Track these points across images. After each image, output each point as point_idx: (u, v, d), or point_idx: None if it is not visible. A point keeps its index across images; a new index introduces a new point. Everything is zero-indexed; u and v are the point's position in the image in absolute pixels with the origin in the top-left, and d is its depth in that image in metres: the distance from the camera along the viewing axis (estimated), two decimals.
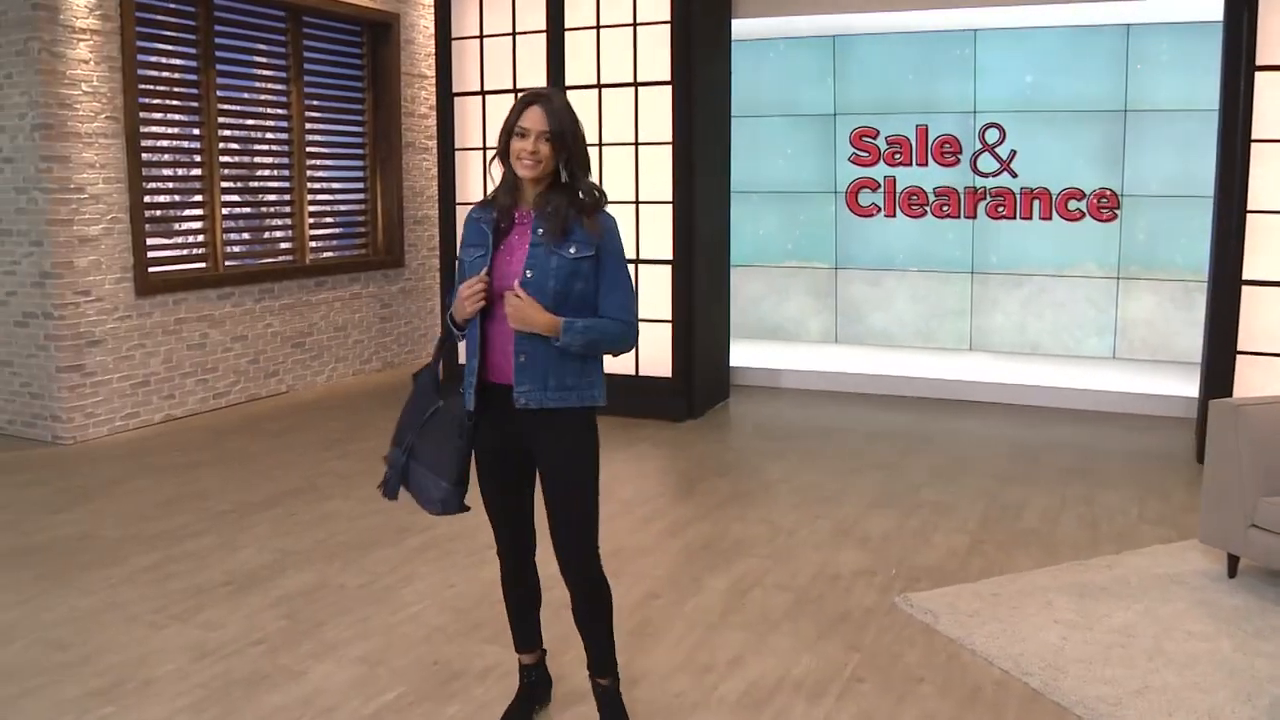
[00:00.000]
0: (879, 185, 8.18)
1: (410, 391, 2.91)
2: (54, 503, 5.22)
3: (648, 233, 6.87)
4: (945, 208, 7.97)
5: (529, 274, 2.64)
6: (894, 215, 8.16)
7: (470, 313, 2.67)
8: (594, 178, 2.79)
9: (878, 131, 8.10)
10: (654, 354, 6.93)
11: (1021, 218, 7.77)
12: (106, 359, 6.53)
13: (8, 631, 3.72)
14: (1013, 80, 7.70)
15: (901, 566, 4.21)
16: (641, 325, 6.89)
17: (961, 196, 7.91)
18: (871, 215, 8.24)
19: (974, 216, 7.90)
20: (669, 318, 6.88)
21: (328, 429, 6.72)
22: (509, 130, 2.66)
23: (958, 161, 7.90)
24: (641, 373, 6.97)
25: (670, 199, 6.79)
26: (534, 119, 2.63)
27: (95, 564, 4.36)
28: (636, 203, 6.87)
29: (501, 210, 2.71)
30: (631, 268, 6.90)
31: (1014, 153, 7.74)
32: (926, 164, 7.98)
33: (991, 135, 7.77)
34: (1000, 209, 7.82)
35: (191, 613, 3.86)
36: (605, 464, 3.00)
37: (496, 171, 2.75)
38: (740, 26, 7.66)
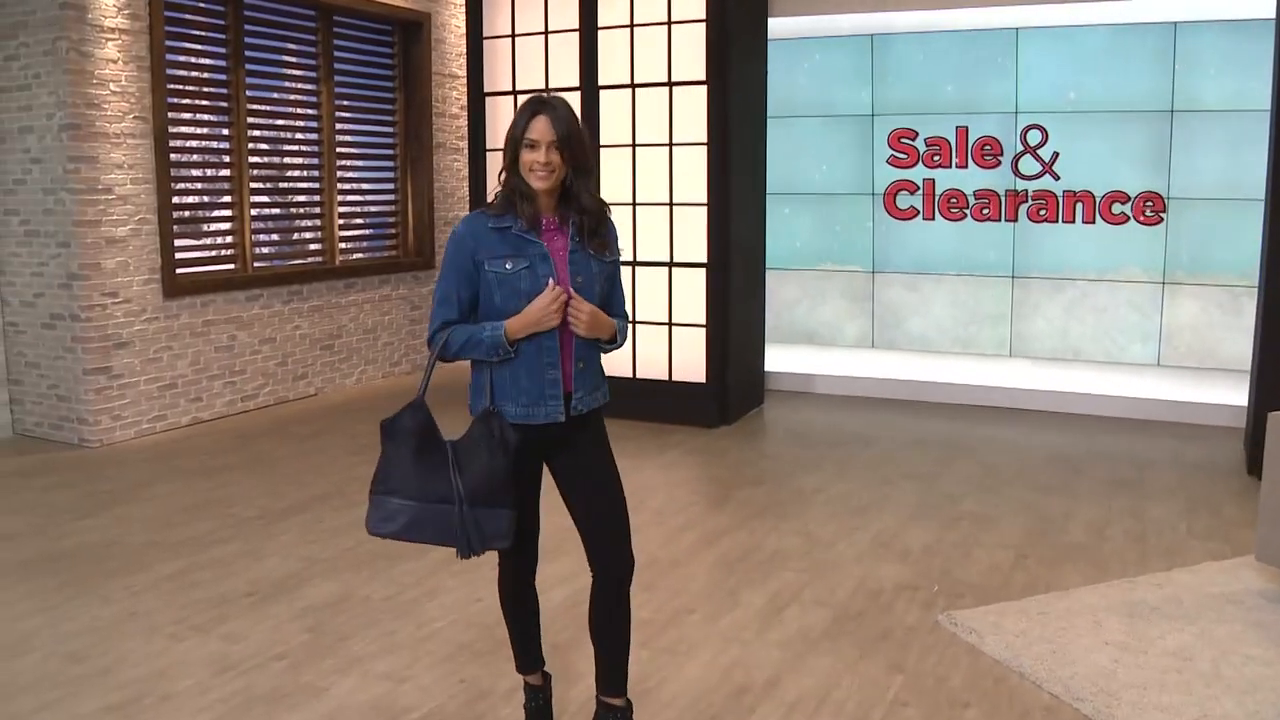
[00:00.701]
0: (917, 187, 8.01)
1: (393, 445, 2.62)
2: (80, 507, 5.16)
3: (682, 235, 6.75)
4: (985, 210, 7.80)
5: (579, 280, 2.63)
6: (933, 218, 7.99)
7: (553, 325, 2.59)
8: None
9: (916, 133, 7.94)
10: (687, 358, 6.80)
11: (1064, 221, 7.58)
12: (134, 361, 6.48)
13: (27, 641, 3.65)
14: (1055, 80, 7.51)
15: (944, 582, 4.07)
16: (676, 330, 6.89)
17: (1002, 199, 7.74)
18: (910, 218, 8.07)
19: (1015, 220, 7.72)
20: (703, 322, 6.76)
21: (356, 433, 6.64)
22: (517, 142, 2.59)
23: (998, 163, 7.72)
24: (675, 378, 6.84)
25: (705, 201, 6.66)
26: (542, 129, 2.57)
27: (119, 571, 4.29)
28: (670, 205, 6.74)
29: (530, 220, 2.61)
30: (664, 271, 6.85)
31: (1056, 154, 7.56)
32: (966, 166, 7.81)
33: (1033, 137, 7.59)
34: (1042, 212, 7.63)
35: (214, 624, 3.77)
36: (637, 471, 2.92)
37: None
38: (777, 25, 7.53)
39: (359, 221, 8.39)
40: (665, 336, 6.85)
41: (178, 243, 6.80)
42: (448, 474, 2.55)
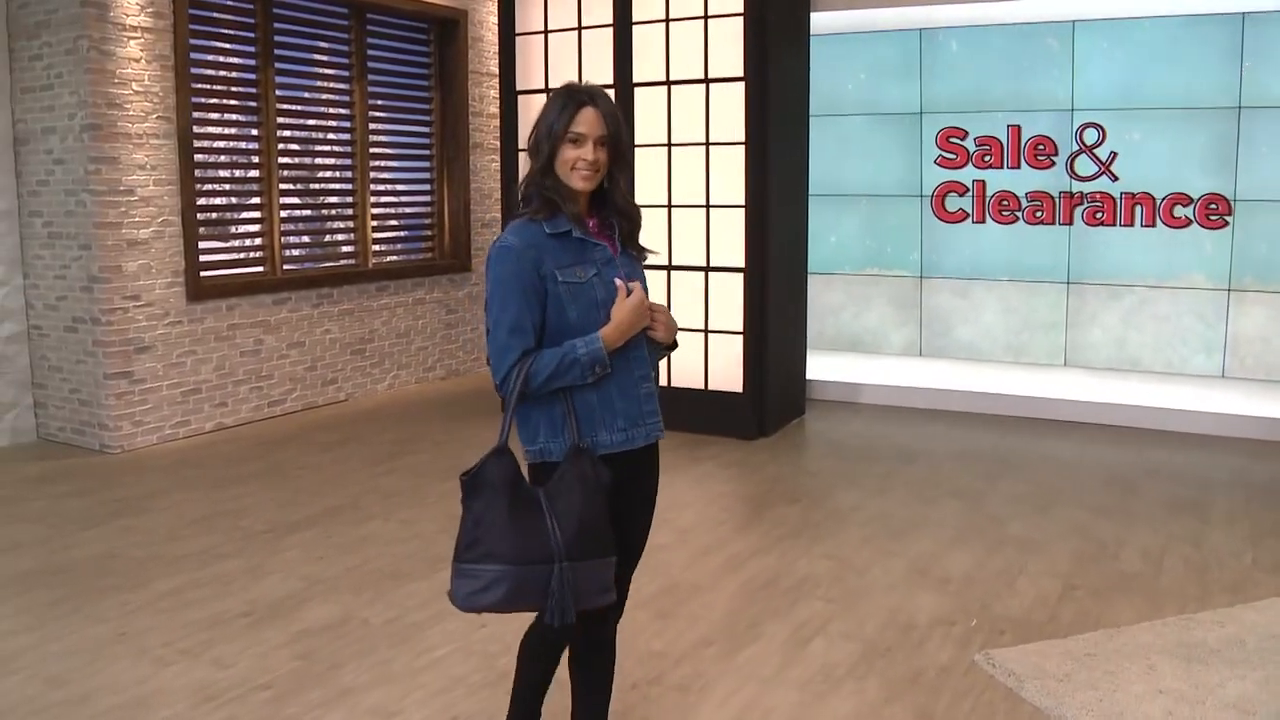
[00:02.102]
0: (967, 189, 7.65)
1: (482, 502, 2.28)
2: (89, 517, 5.02)
3: (718, 238, 6.48)
4: (1039, 213, 7.42)
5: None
6: (983, 221, 7.62)
7: (636, 331, 2.36)
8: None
9: (966, 132, 7.58)
10: (724, 367, 6.54)
11: (1122, 224, 7.18)
12: (156, 366, 6.35)
13: (10, 662, 3.49)
14: (1114, 76, 7.12)
15: (983, 616, 3.76)
16: (712, 337, 6.62)
17: (1057, 201, 7.36)
18: (959, 221, 7.72)
19: (1070, 223, 7.33)
20: (740, 329, 6.49)
21: (382, 441, 6.45)
22: (557, 137, 2.30)
23: (1053, 164, 7.34)
24: (711, 387, 6.58)
25: (743, 203, 6.39)
26: (591, 122, 2.29)
27: (115, 588, 4.12)
28: (707, 206, 6.48)
29: (576, 221, 2.34)
30: (701, 275, 6.58)
31: (1114, 154, 7.16)
32: (1019, 166, 7.44)
33: (1090, 135, 7.20)
34: (1099, 215, 7.24)
35: (203, 647, 3.58)
36: (667, 486, 2.65)
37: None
38: (820, 20, 7.24)
39: (393, 223, 8.23)
40: (701, 344, 6.59)
41: (204, 245, 6.68)
42: (545, 527, 2.23)
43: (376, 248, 8.00)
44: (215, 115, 6.75)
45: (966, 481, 5.49)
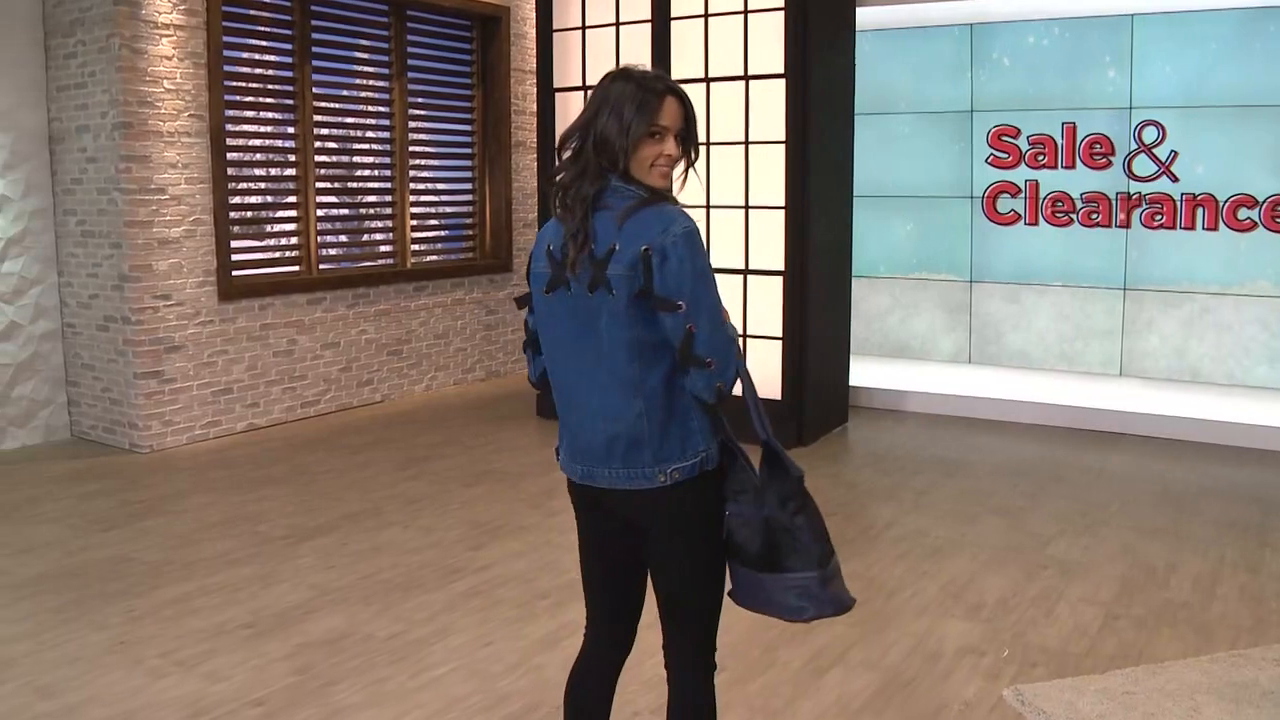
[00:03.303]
0: (1020, 190, 7.37)
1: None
2: (109, 518, 4.97)
3: (758, 240, 6.28)
4: (1094, 215, 7.12)
5: None
6: (1036, 223, 7.34)
7: None
8: None
9: (1019, 130, 7.30)
10: (762, 373, 6.33)
11: (1183, 228, 6.86)
12: (187, 365, 6.30)
13: (6, 669, 3.43)
14: (1175, 71, 6.80)
15: (1016, 645, 3.54)
16: (751, 342, 6.41)
17: (1113, 203, 7.06)
18: (1011, 223, 7.44)
19: (1127, 226, 7.03)
20: (779, 334, 6.28)
21: (413, 445, 6.35)
22: (638, 131, 2.05)
23: (1110, 164, 7.04)
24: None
25: (783, 204, 6.19)
26: (674, 114, 2.08)
27: (122, 593, 4.04)
28: (746, 207, 6.29)
29: None
30: (739, 279, 6.39)
31: (1175, 154, 6.84)
32: (1074, 166, 7.15)
33: (1149, 134, 6.90)
34: (1158, 218, 6.93)
35: (200, 659, 3.48)
36: None
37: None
38: (866, 15, 7.01)
39: (433, 222, 8.14)
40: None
41: (238, 244, 6.63)
42: None
43: (415, 247, 7.91)
44: (250, 113, 6.70)
45: (1010, 497, 5.25)
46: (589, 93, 2.16)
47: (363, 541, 4.63)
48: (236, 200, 6.63)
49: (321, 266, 7.19)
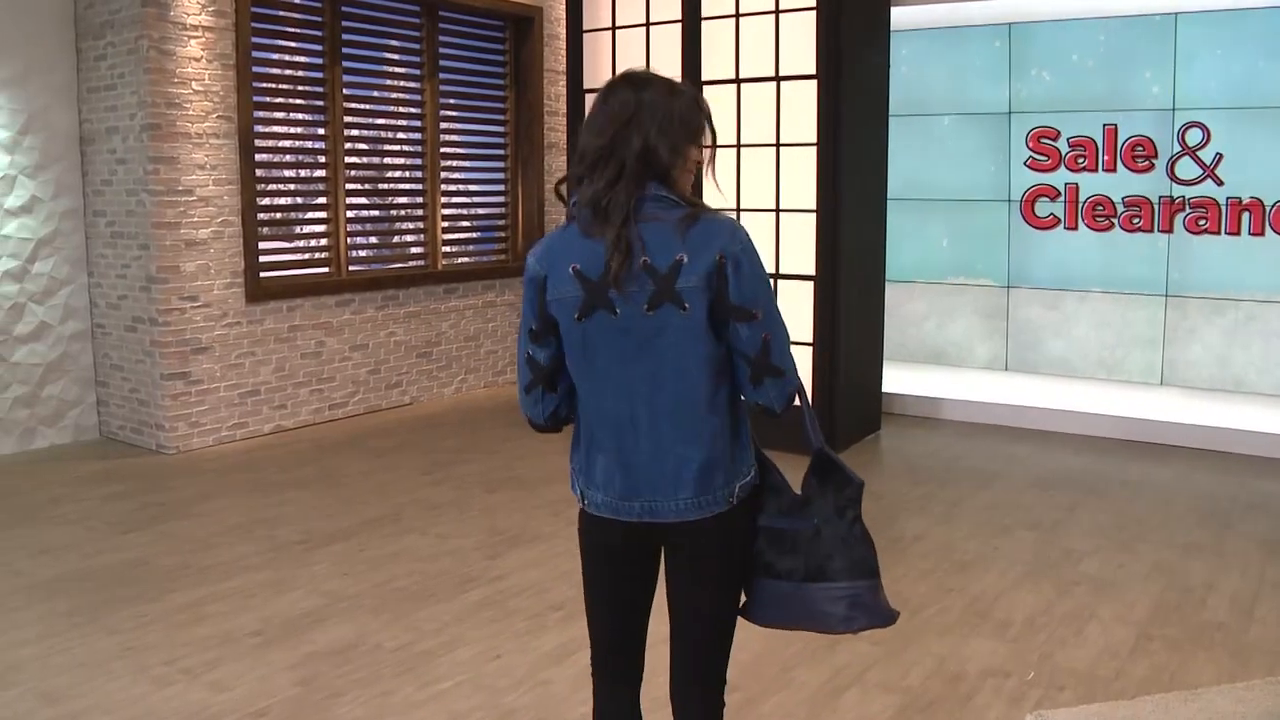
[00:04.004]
0: (1059, 193, 7.20)
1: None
2: (128, 520, 4.96)
3: (789, 244, 6.17)
4: (1136, 220, 6.94)
5: None
6: (1076, 228, 7.16)
7: None
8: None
9: (1059, 132, 7.13)
10: None
11: (1228, 233, 6.66)
12: (214, 367, 6.29)
13: (10, 674, 3.39)
14: (1220, 71, 6.60)
15: (1042, 667, 3.40)
16: None
17: (1156, 207, 6.87)
18: (1050, 227, 7.27)
19: (1170, 230, 6.84)
20: (810, 340, 6.16)
21: (438, 448, 6.30)
22: (699, 136, 2.02)
23: (1152, 167, 6.85)
24: None
25: (814, 207, 6.07)
26: None
27: (134, 598, 4.01)
28: (777, 210, 6.17)
29: None
30: (770, 283, 6.25)
31: (1220, 156, 6.64)
32: (1115, 169, 6.96)
33: (1193, 136, 6.69)
34: (1202, 222, 6.73)
35: (206, 668, 3.43)
36: None
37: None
38: (901, 15, 6.88)
39: (465, 224, 8.10)
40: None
41: (267, 245, 6.62)
42: None
43: (447, 249, 7.87)
44: (280, 114, 6.68)
45: (1044, 510, 5.09)
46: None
47: (379, 548, 4.58)
48: (265, 202, 6.62)
49: (351, 268, 7.16)
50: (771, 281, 2.02)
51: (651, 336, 1.94)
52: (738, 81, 6.21)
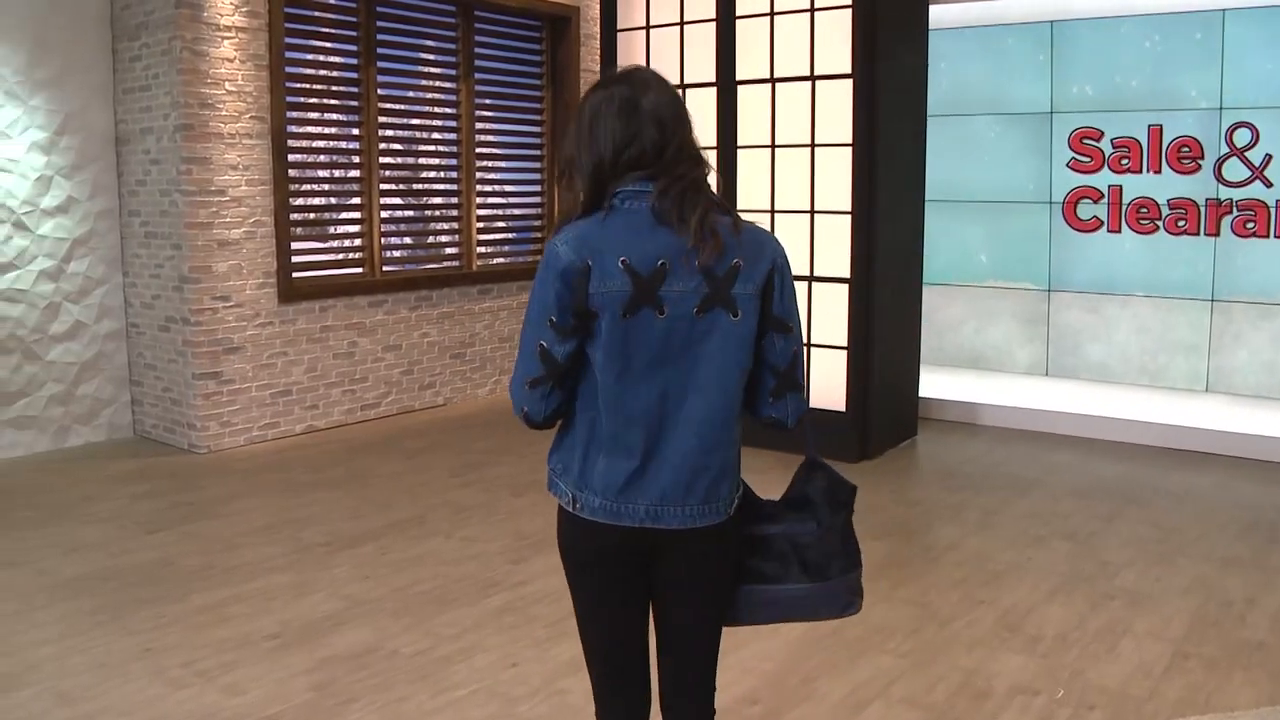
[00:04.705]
0: (1102, 195, 7.04)
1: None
2: (156, 520, 4.97)
3: (823, 246, 6.08)
4: (1181, 223, 6.77)
5: None
6: (1119, 230, 7.01)
7: None
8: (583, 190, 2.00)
9: (1102, 132, 6.98)
10: (825, 384, 6.13)
11: (1276, 235, 6.48)
12: (245, 367, 6.31)
13: (29, 674, 3.39)
14: (1270, 70, 6.42)
15: (1072, 685, 3.30)
16: (814, 351, 6.20)
17: (1202, 210, 6.70)
18: (1092, 230, 7.12)
19: (1216, 234, 6.67)
20: (844, 343, 6.07)
21: (469, 450, 6.27)
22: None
23: (1198, 168, 6.68)
24: (812, 404, 6.16)
25: (849, 209, 5.97)
26: None
27: (156, 598, 4.01)
28: (811, 212, 6.09)
29: None
30: (803, 285, 6.17)
31: (1269, 157, 6.46)
32: (1160, 171, 6.80)
33: (1241, 137, 6.52)
34: (1249, 225, 6.55)
35: (222, 670, 3.41)
36: None
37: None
38: (940, 13, 6.77)
39: (500, 225, 8.08)
40: (804, 359, 6.19)
41: (300, 246, 6.62)
42: None
43: (481, 250, 7.85)
44: (314, 115, 6.69)
45: (1082, 520, 4.97)
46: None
47: (403, 551, 4.55)
48: (299, 202, 6.63)
49: (385, 269, 7.16)
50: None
51: (696, 340, 1.88)
52: (772, 81, 6.13)
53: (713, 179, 1.97)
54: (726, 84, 6.27)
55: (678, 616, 2.05)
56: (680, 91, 1.97)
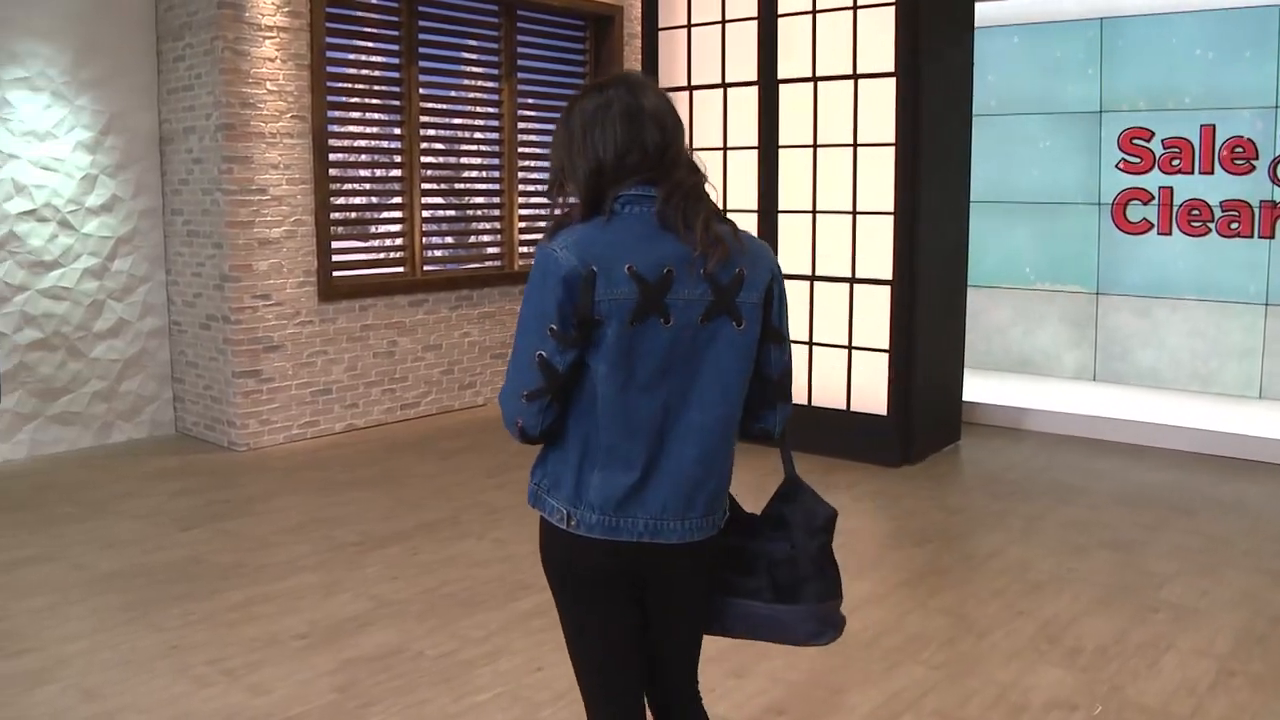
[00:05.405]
0: (1152, 197, 6.88)
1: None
2: (191, 517, 4.99)
3: (865, 248, 5.98)
4: (1234, 225, 6.59)
5: None
6: (1169, 232, 6.83)
7: None
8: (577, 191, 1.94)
9: (1152, 132, 6.81)
10: (867, 387, 6.04)
11: None
12: (285, 365, 6.33)
13: (56, 669, 3.41)
14: None
15: (1111, 701, 3.20)
16: (856, 354, 6.11)
17: (1256, 211, 6.51)
18: (1142, 232, 6.95)
19: (1271, 236, 6.48)
20: (886, 346, 5.97)
21: (504, 451, 6.24)
22: None
23: (1252, 168, 6.49)
24: (853, 408, 6.09)
25: (892, 209, 5.87)
26: None
27: (186, 596, 4.02)
28: (854, 213, 5.99)
29: None
30: (845, 287, 6.09)
31: None
32: (1213, 171, 6.62)
33: None
34: None
35: (247, 670, 3.41)
36: None
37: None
38: (986, 10, 6.64)
39: (542, 224, 8.05)
40: (844, 361, 6.11)
41: (340, 245, 6.64)
42: None
43: (523, 249, 7.83)
44: (356, 114, 6.71)
45: (1127, 530, 4.84)
46: (694, 93, 1.94)
47: (434, 553, 4.53)
48: (340, 201, 6.65)
49: (426, 268, 7.16)
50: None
51: (700, 349, 1.84)
52: (814, 80, 6.05)
53: (708, 188, 1.92)
54: (768, 83, 6.20)
55: (674, 628, 2.01)
56: (722, 91, 1.94)
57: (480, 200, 7.57)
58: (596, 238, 1.82)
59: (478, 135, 7.50)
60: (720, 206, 1.94)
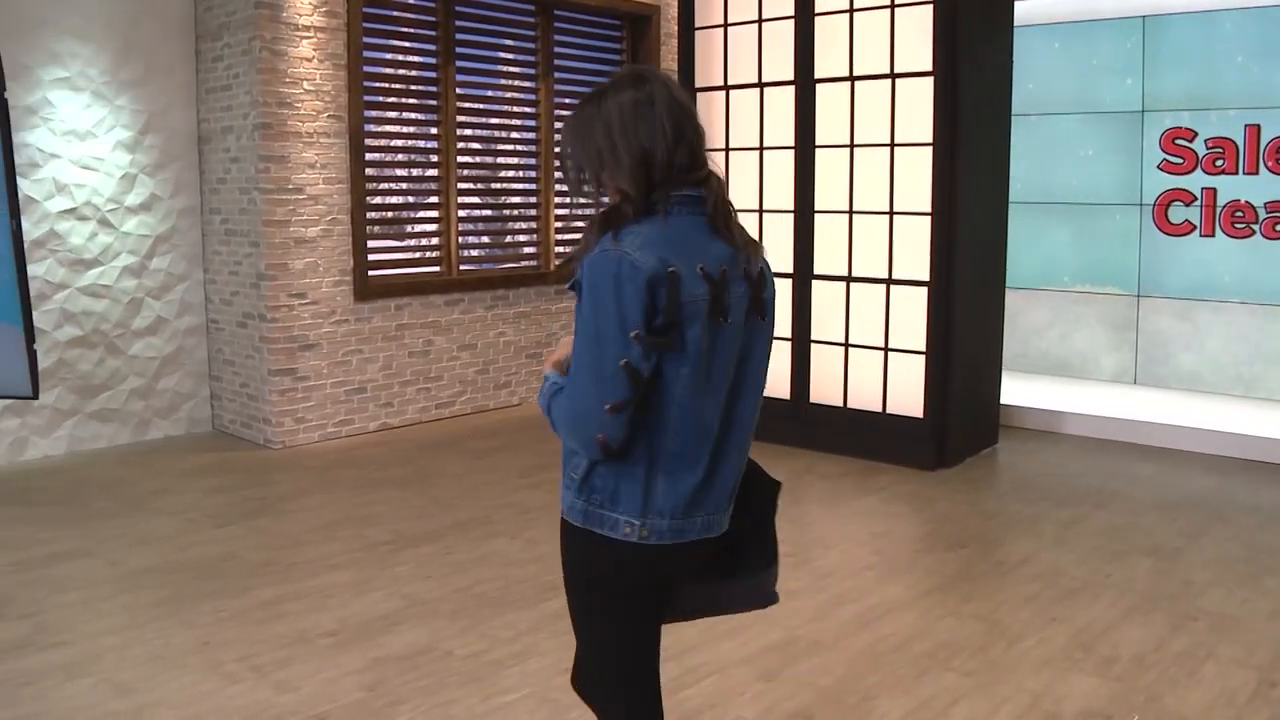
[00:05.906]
0: (1195, 198, 6.76)
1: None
2: (226, 514, 5.03)
3: (902, 249, 5.93)
4: (1279, 226, 6.47)
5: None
6: (1212, 234, 6.72)
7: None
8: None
9: (1195, 133, 6.70)
10: (903, 389, 5.98)
11: None
12: (320, 364, 6.37)
13: (88, 664, 3.44)
14: None
15: (1147, 711, 3.14)
16: (892, 355, 6.06)
17: None
18: (1184, 234, 6.84)
19: None
20: (922, 348, 5.91)
21: (538, 451, 6.25)
22: None
23: None
24: (889, 410, 6.03)
25: (929, 210, 5.82)
26: None
27: (218, 592, 4.05)
28: (890, 214, 5.94)
29: None
30: (882, 288, 6.03)
31: None
32: (1257, 172, 6.50)
33: None
34: None
35: (276, 666, 3.42)
36: (821, 520, 2.32)
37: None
38: (1025, 9, 6.56)
39: (579, 224, 8.05)
40: (880, 363, 6.05)
41: (376, 244, 6.67)
42: None
43: (560, 249, 7.83)
44: (392, 114, 6.74)
45: (1165, 535, 4.76)
46: (730, 93, 1.96)
47: (467, 552, 4.53)
48: (376, 200, 6.68)
49: (462, 267, 7.18)
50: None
51: (746, 347, 1.89)
52: (851, 79, 6.00)
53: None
54: (805, 82, 6.16)
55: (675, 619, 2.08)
56: (759, 90, 1.97)
57: (516, 200, 7.59)
58: (663, 236, 1.78)
59: (514, 135, 7.51)
60: (757, 206, 1.98)
